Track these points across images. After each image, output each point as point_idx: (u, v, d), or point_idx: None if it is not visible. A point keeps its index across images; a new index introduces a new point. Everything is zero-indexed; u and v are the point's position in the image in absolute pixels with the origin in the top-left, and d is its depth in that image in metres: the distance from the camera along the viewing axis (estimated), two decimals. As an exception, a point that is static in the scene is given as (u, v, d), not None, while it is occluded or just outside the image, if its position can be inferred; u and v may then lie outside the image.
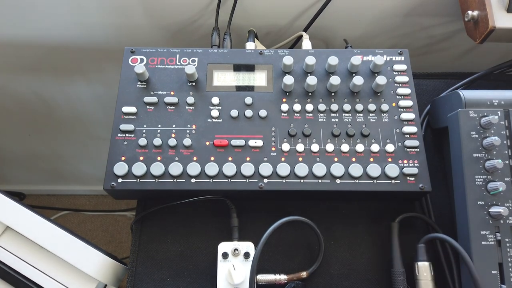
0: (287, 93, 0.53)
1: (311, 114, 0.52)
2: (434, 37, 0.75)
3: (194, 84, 0.54)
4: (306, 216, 0.47)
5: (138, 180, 0.48)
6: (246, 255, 0.46)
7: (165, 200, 0.52)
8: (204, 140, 0.51)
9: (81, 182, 1.42)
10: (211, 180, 0.48)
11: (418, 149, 0.50)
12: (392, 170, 0.48)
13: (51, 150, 1.20)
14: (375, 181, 0.48)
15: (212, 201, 0.51)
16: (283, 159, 0.50)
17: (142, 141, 0.50)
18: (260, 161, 0.49)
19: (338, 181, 0.48)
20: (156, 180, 0.48)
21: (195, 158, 0.49)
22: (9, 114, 1.01)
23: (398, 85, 0.54)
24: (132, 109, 0.52)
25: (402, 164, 0.49)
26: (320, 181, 0.48)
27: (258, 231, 0.46)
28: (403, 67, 0.55)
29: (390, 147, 0.50)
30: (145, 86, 0.54)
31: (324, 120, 0.52)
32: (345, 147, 0.50)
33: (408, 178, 0.48)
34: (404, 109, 0.53)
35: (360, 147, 0.50)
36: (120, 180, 0.48)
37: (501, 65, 0.60)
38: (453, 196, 0.49)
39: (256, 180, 0.48)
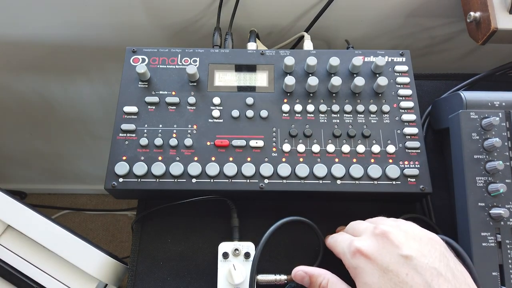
0: (288, 94, 0.53)
1: (312, 115, 0.52)
2: (436, 38, 0.75)
3: (195, 84, 0.54)
4: (307, 216, 0.47)
5: (139, 180, 0.48)
6: (247, 255, 0.46)
7: (166, 200, 0.52)
8: (205, 140, 0.51)
9: (82, 182, 1.43)
10: (211, 180, 0.48)
11: (419, 150, 0.50)
12: (393, 171, 0.48)
13: (52, 149, 1.20)
14: (375, 182, 0.48)
15: (213, 201, 0.51)
16: (284, 159, 0.50)
17: (143, 141, 0.50)
18: (261, 161, 0.49)
19: (338, 181, 0.48)
20: (157, 180, 0.48)
21: (196, 158, 0.49)
22: (11, 113, 1.02)
23: (399, 86, 0.54)
24: (134, 109, 0.52)
25: (403, 165, 0.49)
26: (320, 181, 0.48)
27: (259, 231, 0.46)
28: (405, 68, 0.55)
29: (391, 148, 0.50)
30: (147, 86, 0.54)
31: (325, 120, 0.52)
32: (346, 148, 0.50)
33: (409, 179, 0.48)
34: (405, 110, 0.52)
35: (361, 148, 0.50)
36: (121, 179, 0.48)
37: (503, 66, 0.60)
38: (453, 197, 0.49)
39: (257, 181, 0.48)
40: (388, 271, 0.34)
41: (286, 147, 0.50)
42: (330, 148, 0.50)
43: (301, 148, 0.50)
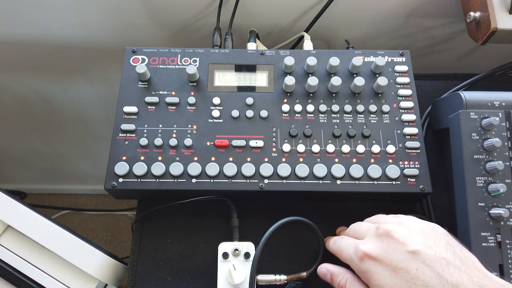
0: (288, 94, 0.53)
1: (312, 115, 0.52)
2: (436, 38, 0.75)
3: (195, 84, 0.54)
4: (306, 217, 0.47)
5: (139, 180, 0.48)
6: (247, 255, 0.46)
7: (166, 200, 0.52)
8: (205, 140, 0.51)
9: (82, 182, 1.43)
10: (211, 180, 0.48)
11: (419, 150, 0.50)
12: (393, 171, 0.48)
13: (52, 149, 1.20)
14: (375, 182, 0.48)
15: (213, 201, 0.51)
16: (283, 159, 0.50)
17: (143, 141, 0.50)
18: (261, 161, 0.49)
19: (338, 182, 0.48)
20: (157, 180, 0.48)
21: (196, 158, 0.49)
22: (11, 113, 1.02)
23: (399, 86, 0.54)
24: (133, 109, 0.52)
25: (402, 165, 0.49)
26: (320, 181, 0.48)
27: (259, 231, 0.46)
28: (404, 68, 0.55)
29: (391, 148, 0.50)
30: (146, 86, 0.54)
31: (325, 120, 0.52)
32: (346, 148, 0.50)
33: (408, 179, 0.48)
34: (405, 110, 0.52)
35: (361, 148, 0.50)
36: (121, 179, 0.48)
37: (503, 66, 0.60)
38: (453, 197, 0.49)
39: (257, 181, 0.48)
40: (398, 270, 0.34)
41: (286, 147, 0.50)
42: (330, 148, 0.50)
43: (301, 148, 0.50)
